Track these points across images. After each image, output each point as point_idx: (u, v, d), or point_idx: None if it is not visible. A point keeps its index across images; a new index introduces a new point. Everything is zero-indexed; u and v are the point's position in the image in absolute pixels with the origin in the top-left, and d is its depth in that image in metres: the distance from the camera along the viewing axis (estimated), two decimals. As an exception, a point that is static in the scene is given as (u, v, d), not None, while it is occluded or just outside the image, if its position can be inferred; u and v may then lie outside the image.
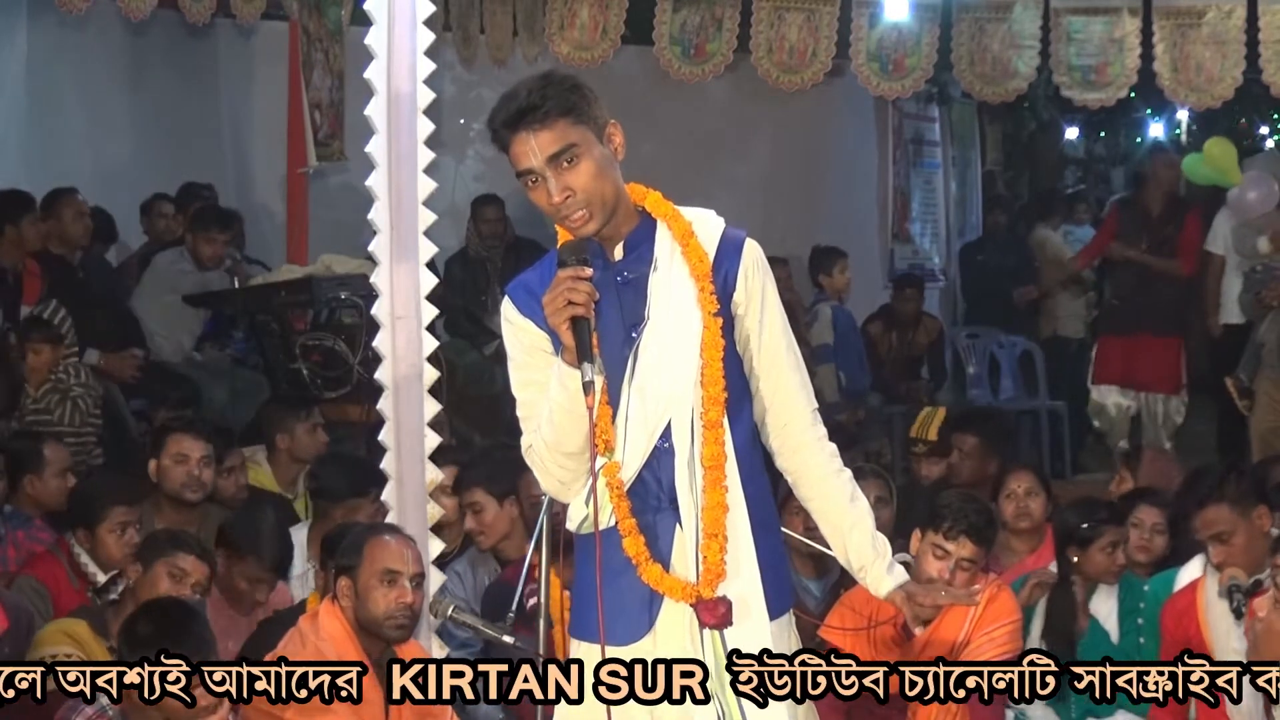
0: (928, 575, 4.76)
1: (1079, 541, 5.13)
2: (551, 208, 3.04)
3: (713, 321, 3.10)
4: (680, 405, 3.10)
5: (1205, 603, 4.84)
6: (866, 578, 3.23)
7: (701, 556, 3.08)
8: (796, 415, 3.20)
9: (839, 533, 3.23)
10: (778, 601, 3.16)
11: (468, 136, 10.46)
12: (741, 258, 3.16)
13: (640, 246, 3.14)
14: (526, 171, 3.04)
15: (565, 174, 3.02)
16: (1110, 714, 4.91)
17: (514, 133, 3.02)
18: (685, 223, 3.16)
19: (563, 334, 2.99)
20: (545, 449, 3.12)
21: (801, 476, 3.22)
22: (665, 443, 3.10)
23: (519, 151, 3.03)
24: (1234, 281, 8.87)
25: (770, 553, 3.16)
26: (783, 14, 7.47)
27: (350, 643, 4.21)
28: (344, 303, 7.16)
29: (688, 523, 3.10)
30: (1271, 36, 7.20)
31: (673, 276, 3.12)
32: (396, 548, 4.28)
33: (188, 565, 4.65)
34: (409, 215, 4.43)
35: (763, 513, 3.16)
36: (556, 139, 3.01)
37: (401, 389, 4.49)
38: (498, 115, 3.05)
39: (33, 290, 7.17)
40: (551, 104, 3.01)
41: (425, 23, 4.46)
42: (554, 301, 2.99)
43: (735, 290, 3.14)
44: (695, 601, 3.07)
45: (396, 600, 4.23)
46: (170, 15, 7.32)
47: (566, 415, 3.06)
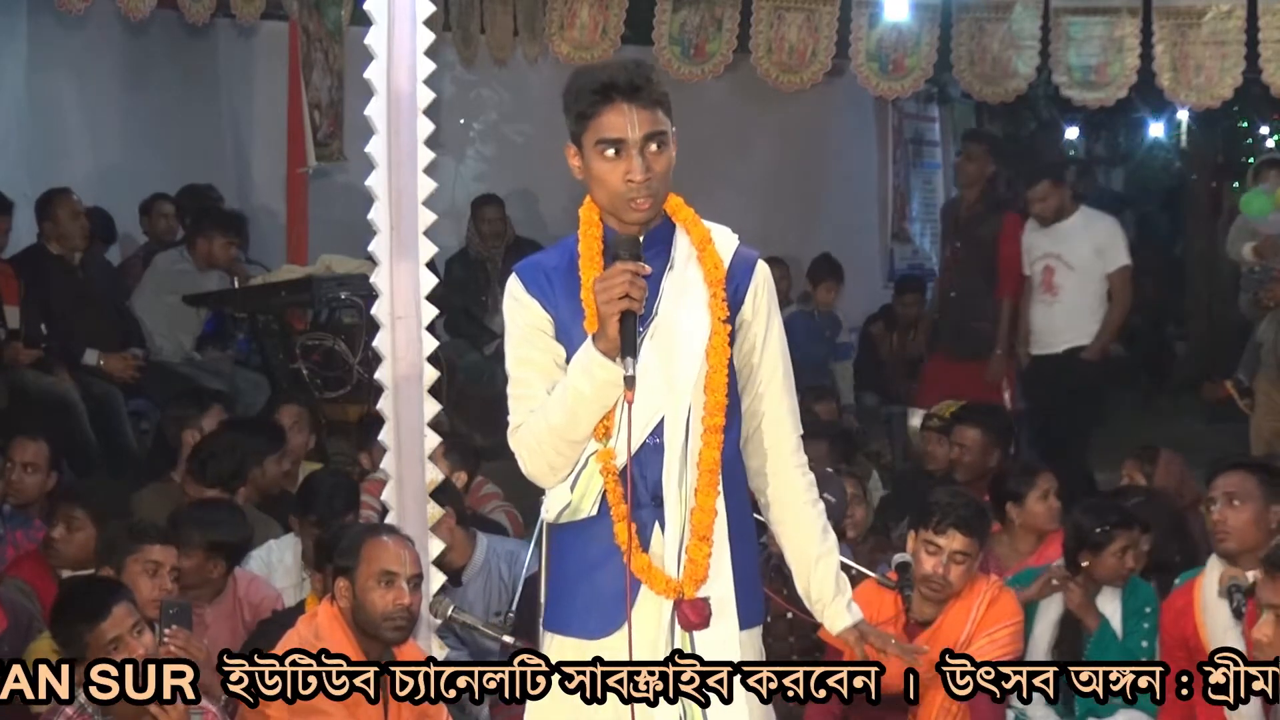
0: (923, 573, 4.79)
1: (1092, 545, 5.11)
2: (625, 185, 3.05)
3: (721, 328, 3.13)
4: (677, 404, 3.11)
5: (1203, 602, 4.83)
6: (825, 612, 3.26)
7: (689, 557, 3.09)
8: (783, 439, 3.23)
9: (805, 563, 3.25)
10: (748, 612, 3.17)
11: (468, 136, 10.46)
12: (753, 275, 3.20)
13: (659, 245, 3.16)
14: (616, 141, 3.05)
15: (652, 157, 3.06)
16: (1111, 714, 4.90)
17: (612, 102, 3.04)
18: (704, 230, 3.19)
19: (609, 324, 3.00)
20: (548, 432, 3.10)
21: (777, 500, 3.25)
22: (656, 439, 3.11)
23: (614, 120, 3.04)
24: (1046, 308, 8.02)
25: (745, 563, 3.18)
26: (782, 14, 7.46)
27: (349, 644, 4.21)
28: (344, 303, 7.16)
29: (671, 521, 3.11)
30: (1271, 36, 7.20)
31: (687, 278, 3.15)
32: (394, 549, 4.27)
33: (157, 555, 4.61)
34: (409, 215, 4.43)
35: (741, 524, 3.18)
36: (655, 121, 3.06)
37: (401, 389, 4.48)
38: (595, 79, 3.06)
39: (10, 291, 7.16)
40: (656, 89, 3.07)
41: (425, 23, 4.46)
42: (610, 290, 2.99)
43: (743, 305, 3.18)
44: (678, 600, 3.09)
45: (394, 602, 4.22)
46: (170, 15, 7.31)
47: (585, 403, 3.05)
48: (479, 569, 5.38)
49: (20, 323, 7.14)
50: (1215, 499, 4.83)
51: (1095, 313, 7.99)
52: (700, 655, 3.10)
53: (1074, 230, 8.05)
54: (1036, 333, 8.13)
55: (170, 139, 9.23)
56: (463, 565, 5.33)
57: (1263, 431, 7.84)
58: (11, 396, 6.92)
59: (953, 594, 4.80)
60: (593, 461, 3.11)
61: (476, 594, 5.35)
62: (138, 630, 3.97)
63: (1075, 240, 8.01)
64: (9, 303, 7.15)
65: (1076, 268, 7.97)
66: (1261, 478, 4.85)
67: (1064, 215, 8.07)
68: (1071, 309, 7.98)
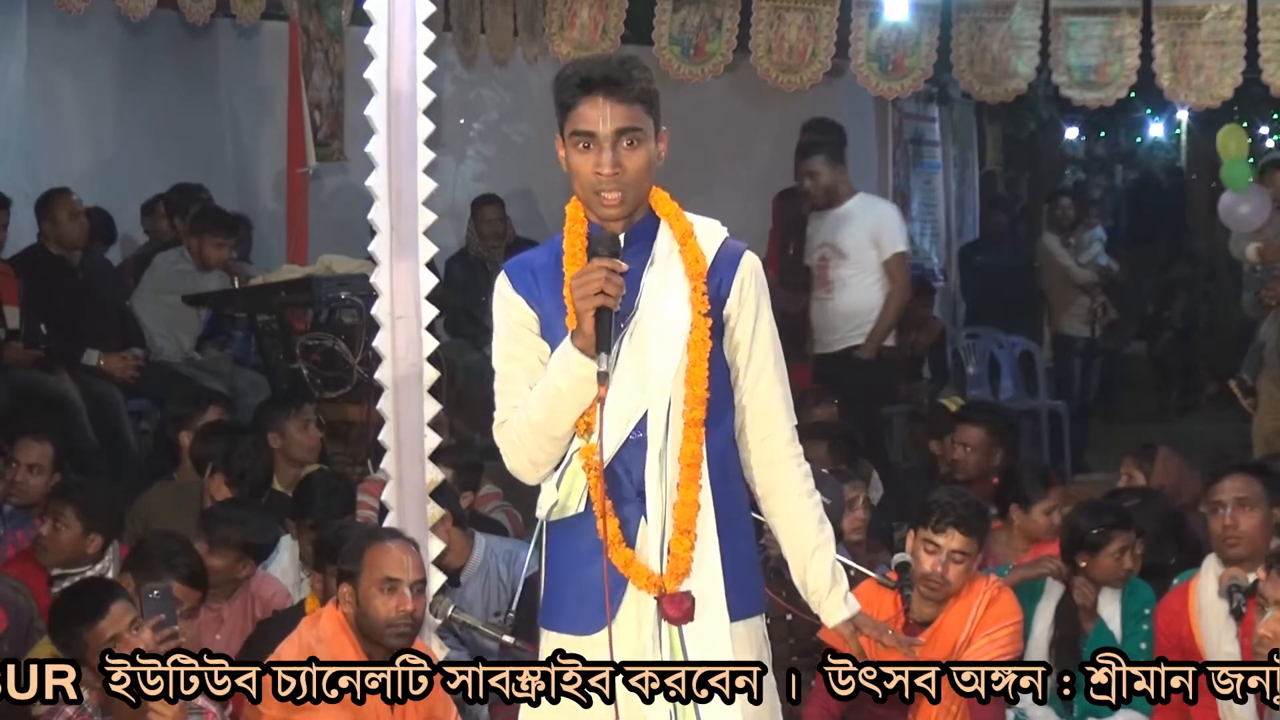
0: (921, 571, 4.79)
1: (1089, 547, 5.11)
2: (594, 177, 3.08)
3: (702, 322, 3.13)
4: (658, 398, 3.11)
5: (1199, 604, 4.83)
6: (821, 605, 3.25)
7: (671, 552, 3.10)
8: (776, 430, 3.22)
9: (801, 554, 3.25)
10: (741, 603, 3.16)
11: (468, 136, 10.45)
12: (739, 268, 3.20)
13: (641, 240, 3.17)
14: (586, 134, 3.07)
15: (623, 153, 3.07)
16: (1110, 714, 4.90)
17: (589, 94, 3.07)
18: (687, 224, 3.19)
19: (585, 320, 3.02)
20: (528, 428, 3.13)
21: (772, 491, 3.24)
22: (639, 434, 3.12)
23: (588, 113, 3.07)
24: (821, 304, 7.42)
25: (737, 555, 3.17)
26: (782, 14, 7.46)
27: (351, 648, 4.21)
28: (344, 303, 7.15)
29: (654, 516, 3.11)
30: (1271, 36, 7.20)
31: (668, 274, 3.15)
32: (397, 554, 4.27)
33: None
34: (409, 215, 4.43)
35: (733, 515, 3.17)
36: (630, 117, 3.07)
37: (401, 389, 4.48)
38: (577, 72, 3.09)
39: (10, 291, 7.16)
40: (636, 85, 3.08)
41: (425, 23, 4.46)
42: (585, 287, 3.02)
43: (729, 298, 3.18)
44: (660, 594, 3.09)
45: (397, 609, 4.22)
46: (170, 15, 7.32)
47: (563, 399, 3.08)
48: (477, 569, 5.39)
49: (20, 323, 7.13)
50: (1224, 504, 4.82)
51: (873, 306, 7.49)
52: (689, 650, 3.09)
53: (848, 217, 7.58)
54: (816, 330, 7.68)
55: (170, 139, 9.22)
56: (461, 565, 5.33)
57: (1263, 430, 7.84)
58: (12, 396, 6.91)
59: (952, 593, 4.80)
60: (576, 458, 3.13)
61: (475, 594, 5.35)
62: (135, 628, 3.98)
63: (850, 228, 7.54)
64: (9, 303, 7.15)
65: (850, 256, 7.52)
66: (1265, 481, 4.85)
67: (838, 200, 7.59)
68: (846, 304, 7.52)
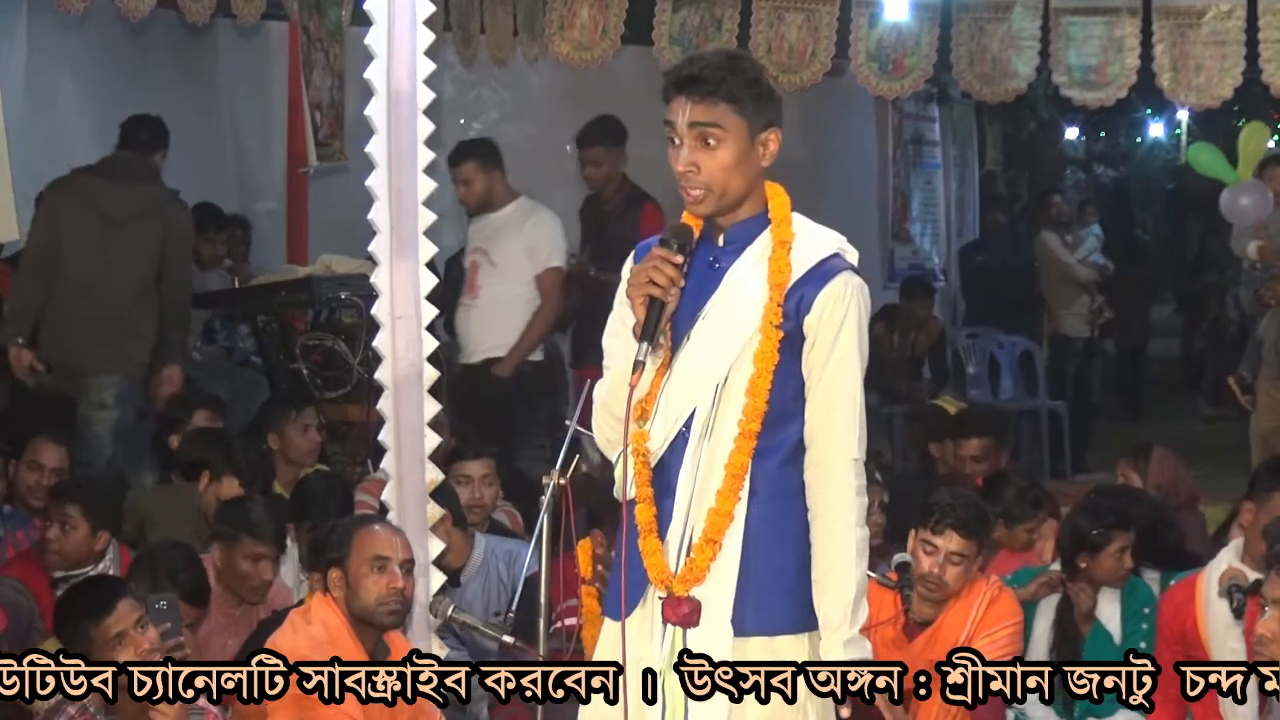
0: (920, 572, 4.79)
1: (1089, 547, 5.11)
2: (677, 173, 3.11)
3: (773, 333, 3.09)
4: (704, 398, 3.12)
5: (1205, 599, 4.83)
6: (827, 638, 3.10)
7: (690, 556, 3.09)
8: (830, 458, 3.11)
9: (821, 583, 3.11)
10: (756, 621, 3.08)
11: (468, 136, 10.45)
12: (827, 286, 3.13)
13: (740, 240, 3.17)
14: (669, 128, 3.10)
15: (699, 150, 3.08)
16: (1110, 714, 4.90)
17: (678, 90, 3.09)
18: (788, 233, 3.17)
19: (636, 308, 3.07)
20: (599, 404, 3.21)
21: (815, 517, 3.13)
22: (685, 430, 3.14)
23: (672, 108, 3.10)
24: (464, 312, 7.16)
25: (763, 573, 3.09)
26: (782, 14, 7.47)
27: (345, 633, 4.24)
28: (344, 303, 7.15)
29: (677, 515, 3.12)
30: (1271, 36, 7.20)
31: (749, 279, 3.13)
32: (384, 535, 4.33)
33: None
34: (409, 215, 4.44)
35: (771, 533, 3.10)
36: (707, 115, 3.06)
37: (401, 389, 4.49)
38: (679, 70, 3.12)
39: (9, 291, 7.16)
40: (720, 87, 3.06)
41: (425, 23, 4.46)
42: (638, 275, 3.07)
43: (808, 315, 3.11)
44: (665, 594, 3.10)
45: (388, 586, 4.26)
46: (170, 15, 7.31)
47: (619, 381, 3.12)
48: (477, 569, 5.40)
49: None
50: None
51: (521, 321, 7.13)
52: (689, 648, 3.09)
53: (505, 224, 7.20)
54: (459, 340, 7.29)
55: (170, 139, 9.21)
56: (461, 565, 5.34)
57: (1261, 429, 7.84)
58: (12, 396, 6.91)
59: (950, 594, 4.79)
60: (633, 441, 3.15)
61: (475, 594, 5.36)
62: (141, 625, 3.99)
63: (504, 236, 7.18)
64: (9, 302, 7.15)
65: (500, 266, 7.16)
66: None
67: (494, 206, 7.18)
68: (490, 314, 7.18)
